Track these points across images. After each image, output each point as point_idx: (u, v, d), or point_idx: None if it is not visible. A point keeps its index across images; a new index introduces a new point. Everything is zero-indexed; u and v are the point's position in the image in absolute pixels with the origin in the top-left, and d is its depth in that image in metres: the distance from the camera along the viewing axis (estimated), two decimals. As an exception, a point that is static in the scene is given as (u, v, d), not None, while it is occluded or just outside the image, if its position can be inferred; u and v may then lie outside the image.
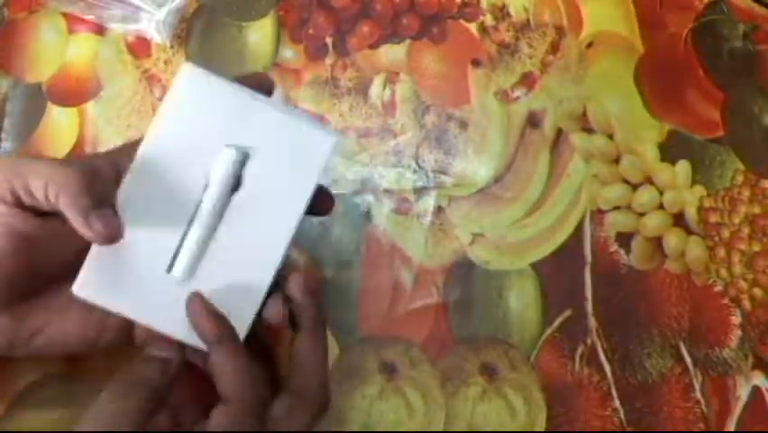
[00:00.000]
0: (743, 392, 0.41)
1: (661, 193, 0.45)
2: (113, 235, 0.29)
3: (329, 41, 0.48)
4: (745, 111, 0.47)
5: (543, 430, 0.40)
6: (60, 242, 0.30)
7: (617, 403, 0.41)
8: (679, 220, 0.44)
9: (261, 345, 0.33)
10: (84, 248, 0.30)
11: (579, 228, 0.44)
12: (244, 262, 0.30)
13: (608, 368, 0.41)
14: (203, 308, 0.30)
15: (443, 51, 0.48)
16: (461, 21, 0.48)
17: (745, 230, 0.44)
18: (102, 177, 0.30)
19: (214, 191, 0.29)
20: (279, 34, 0.48)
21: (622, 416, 0.41)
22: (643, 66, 0.48)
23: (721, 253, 0.44)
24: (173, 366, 0.30)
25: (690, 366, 0.42)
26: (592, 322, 0.42)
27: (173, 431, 0.30)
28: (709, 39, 0.48)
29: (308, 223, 0.44)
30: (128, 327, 0.33)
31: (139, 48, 0.48)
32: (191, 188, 0.29)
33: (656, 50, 0.48)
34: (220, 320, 0.30)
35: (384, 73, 0.47)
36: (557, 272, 0.43)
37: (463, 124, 0.46)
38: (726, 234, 0.44)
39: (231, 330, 0.30)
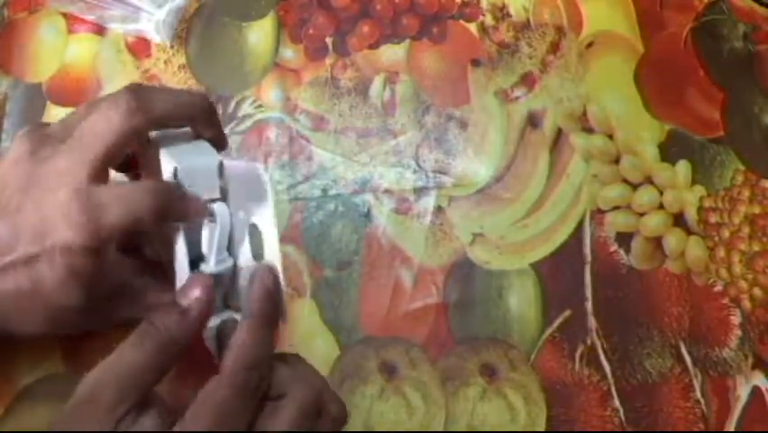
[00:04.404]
0: (743, 392, 0.41)
1: (661, 193, 0.45)
2: None
3: (329, 41, 0.48)
4: (745, 111, 0.47)
5: (543, 430, 0.40)
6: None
7: (616, 403, 0.41)
8: (679, 220, 0.44)
9: None
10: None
11: (579, 228, 0.44)
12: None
13: (607, 368, 0.41)
14: (270, 287, 0.31)
15: (443, 51, 0.48)
16: (461, 21, 0.48)
17: (745, 230, 0.44)
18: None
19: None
20: (279, 34, 0.48)
21: (622, 416, 0.41)
22: (643, 66, 0.48)
23: (721, 253, 0.44)
24: (194, 316, 0.29)
25: (690, 366, 0.41)
26: (592, 322, 0.42)
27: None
28: (709, 39, 0.48)
29: (308, 223, 0.44)
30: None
31: (139, 48, 0.48)
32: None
33: (656, 50, 0.48)
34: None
35: (384, 73, 0.47)
36: (557, 272, 0.43)
37: (463, 124, 0.46)
38: (726, 234, 0.44)
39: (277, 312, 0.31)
